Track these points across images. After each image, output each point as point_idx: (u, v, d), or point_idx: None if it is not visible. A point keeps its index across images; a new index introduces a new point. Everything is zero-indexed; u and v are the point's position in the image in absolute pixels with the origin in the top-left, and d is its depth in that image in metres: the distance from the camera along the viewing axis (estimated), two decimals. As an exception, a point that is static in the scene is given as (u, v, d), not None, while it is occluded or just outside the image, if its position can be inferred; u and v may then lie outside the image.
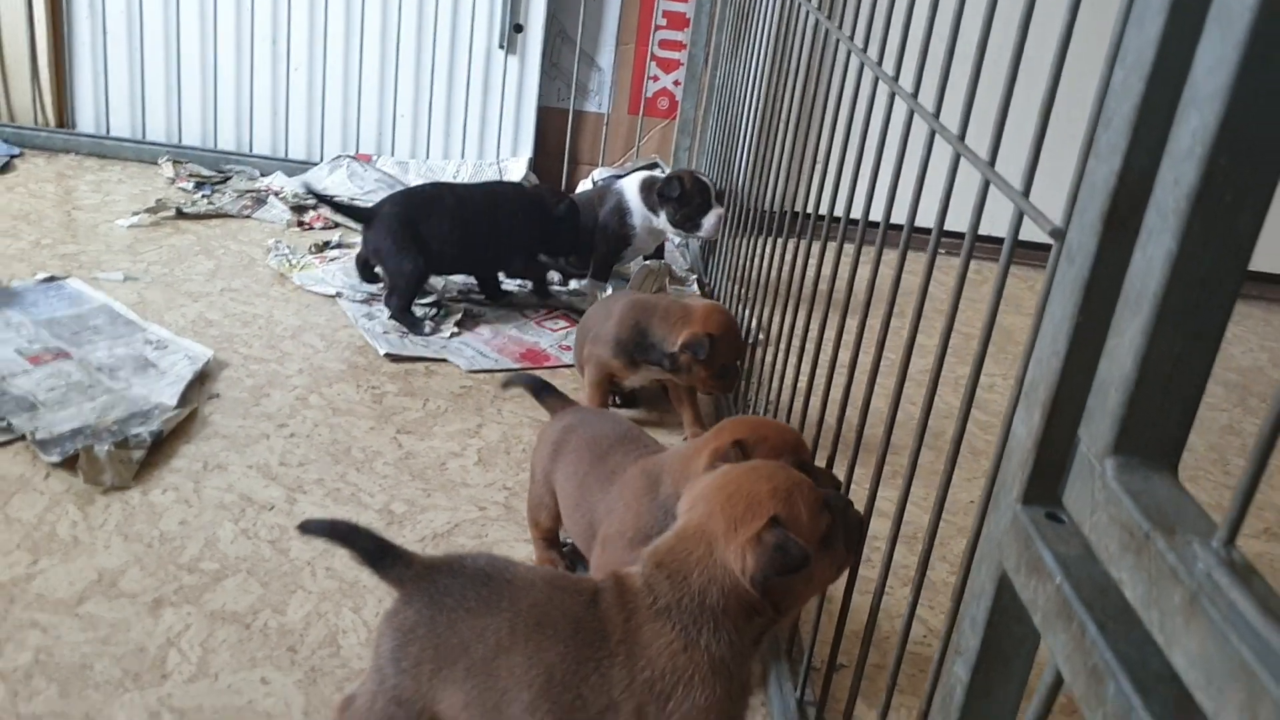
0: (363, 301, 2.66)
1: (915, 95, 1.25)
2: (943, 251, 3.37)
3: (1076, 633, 0.65)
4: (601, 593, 1.17)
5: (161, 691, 1.38)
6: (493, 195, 2.69)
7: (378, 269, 2.65)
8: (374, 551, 1.19)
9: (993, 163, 1.03)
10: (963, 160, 1.08)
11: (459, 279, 2.85)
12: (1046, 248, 0.87)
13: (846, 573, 1.27)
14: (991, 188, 1.02)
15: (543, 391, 1.79)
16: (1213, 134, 0.56)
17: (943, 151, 1.11)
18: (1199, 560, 0.56)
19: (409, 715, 1.17)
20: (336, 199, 2.86)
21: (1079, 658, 0.64)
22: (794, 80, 2.05)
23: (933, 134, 1.18)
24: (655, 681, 1.12)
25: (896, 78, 1.34)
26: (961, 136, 1.10)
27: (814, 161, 1.75)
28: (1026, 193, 0.95)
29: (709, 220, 2.76)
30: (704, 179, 2.81)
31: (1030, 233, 0.99)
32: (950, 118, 1.14)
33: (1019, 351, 1.01)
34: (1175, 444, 0.66)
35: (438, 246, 2.56)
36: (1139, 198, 0.64)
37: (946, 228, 1.14)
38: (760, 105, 2.41)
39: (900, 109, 1.30)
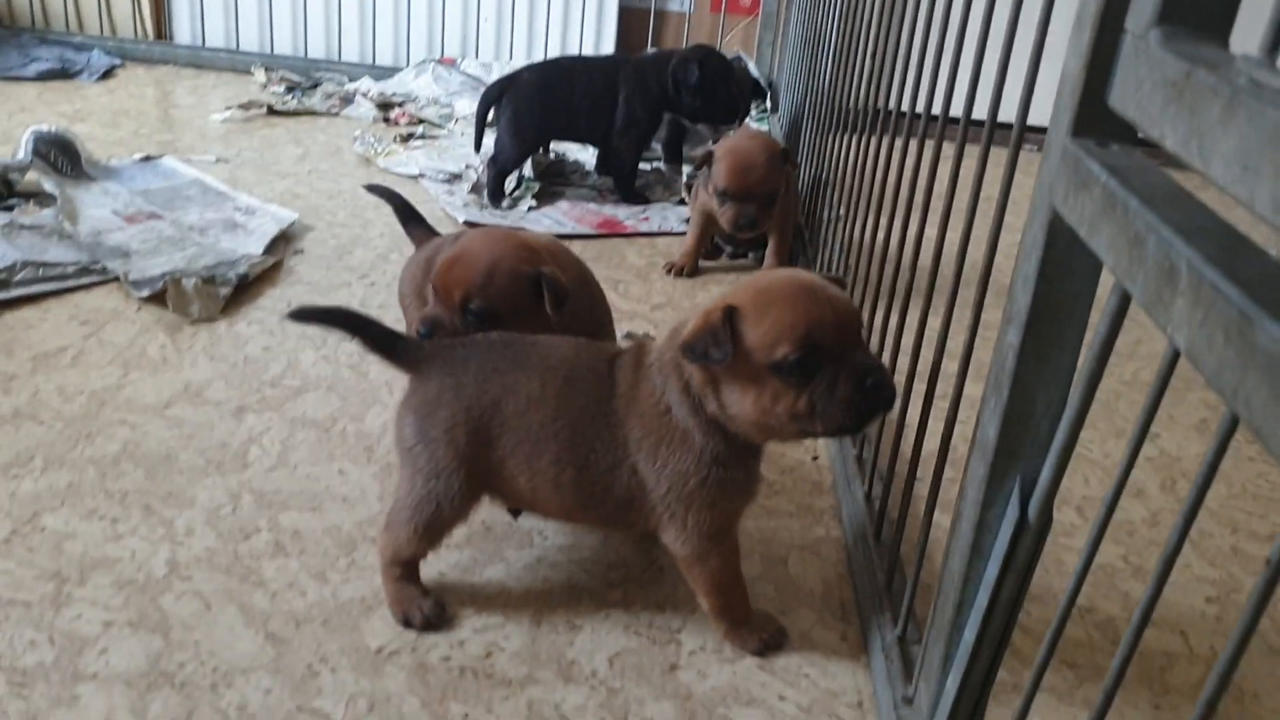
0: (444, 181, 2.69)
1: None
2: (1030, 147, 3.26)
3: (1120, 216, 0.63)
4: (622, 354, 1.16)
5: (242, 477, 1.43)
6: (614, 68, 2.65)
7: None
8: (382, 337, 1.15)
9: None
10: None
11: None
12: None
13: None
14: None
15: (409, 219, 1.67)
16: None
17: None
18: (1240, 75, 0.54)
19: (450, 487, 1.14)
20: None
21: (1122, 238, 0.62)
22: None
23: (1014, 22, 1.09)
24: (644, 439, 1.10)
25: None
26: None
27: (895, 56, 1.67)
28: None
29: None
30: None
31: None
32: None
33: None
34: (1225, 12, 0.63)
35: (568, 116, 2.58)
36: None
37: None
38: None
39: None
